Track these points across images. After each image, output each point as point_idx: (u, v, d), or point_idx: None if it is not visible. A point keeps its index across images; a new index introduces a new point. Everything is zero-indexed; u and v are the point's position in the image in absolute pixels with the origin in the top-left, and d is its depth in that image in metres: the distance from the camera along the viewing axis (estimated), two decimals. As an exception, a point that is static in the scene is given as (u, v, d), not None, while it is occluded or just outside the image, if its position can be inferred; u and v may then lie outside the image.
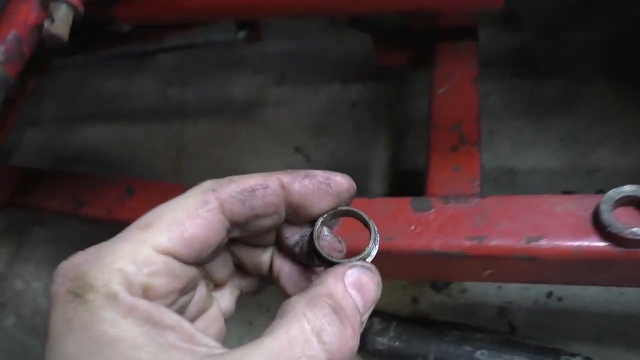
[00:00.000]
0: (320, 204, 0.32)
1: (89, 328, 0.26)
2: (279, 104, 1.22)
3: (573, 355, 0.72)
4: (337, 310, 0.27)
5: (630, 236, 0.46)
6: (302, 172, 0.32)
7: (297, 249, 0.35)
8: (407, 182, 1.01)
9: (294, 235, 0.34)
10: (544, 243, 0.51)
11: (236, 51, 1.34)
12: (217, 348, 0.27)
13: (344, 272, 0.30)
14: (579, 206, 0.52)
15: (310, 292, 0.28)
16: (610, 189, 0.49)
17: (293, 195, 0.32)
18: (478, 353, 0.75)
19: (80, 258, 0.29)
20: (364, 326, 0.30)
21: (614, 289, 0.80)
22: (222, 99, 1.29)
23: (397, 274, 0.66)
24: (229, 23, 0.96)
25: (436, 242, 0.55)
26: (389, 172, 1.03)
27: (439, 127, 0.66)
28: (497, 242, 0.53)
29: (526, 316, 0.81)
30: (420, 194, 0.60)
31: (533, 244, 0.51)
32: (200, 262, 0.31)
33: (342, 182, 0.33)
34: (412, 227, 0.56)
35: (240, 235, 0.33)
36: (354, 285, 0.30)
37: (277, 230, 0.34)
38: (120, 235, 0.29)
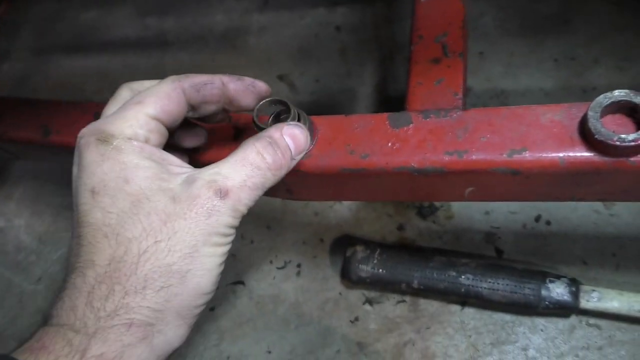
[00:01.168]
0: (246, 99, 0.48)
1: (118, 158, 0.40)
2: (262, 31, 1.16)
3: (558, 277, 0.70)
4: (272, 143, 0.44)
5: (617, 143, 0.43)
6: (236, 76, 0.48)
7: None
8: (395, 109, 0.96)
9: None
10: (527, 155, 0.48)
11: (217, -24, 1.27)
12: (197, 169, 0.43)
13: (282, 126, 0.47)
14: (566, 115, 0.48)
15: (258, 135, 0.45)
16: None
17: (229, 90, 0.47)
18: (462, 278, 0.73)
19: (97, 123, 0.42)
20: (296, 162, 0.48)
21: (603, 211, 0.77)
22: (203, 27, 1.23)
23: (377, 196, 0.63)
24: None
25: (414, 158, 0.51)
26: (375, 98, 0.99)
27: (421, 39, 0.61)
28: (478, 156, 0.49)
29: (513, 241, 0.79)
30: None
31: (516, 157, 0.48)
32: (173, 128, 0.45)
33: (262, 86, 0.49)
34: (390, 144, 0.53)
35: (194, 116, 0.48)
36: (289, 135, 0.46)
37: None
38: (121, 109, 0.43)
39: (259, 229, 0.93)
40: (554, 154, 0.47)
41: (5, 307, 0.99)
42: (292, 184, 0.58)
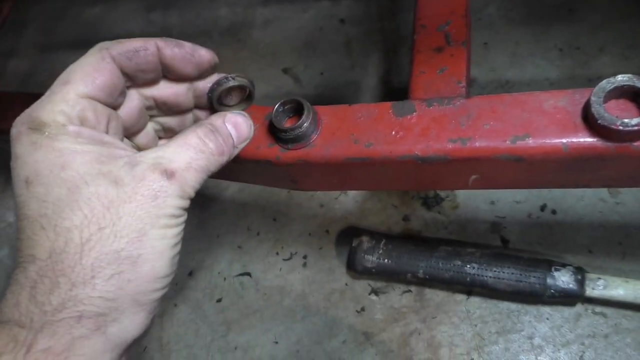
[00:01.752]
0: (185, 69, 0.43)
1: (52, 146, 0.37)
2: (266, 24, 1.16)
3: (564, 265, 0.70)
4: (214, 130, 0.43)
5: (621, 127, 0.43)
6: (174, 41, 0.42)
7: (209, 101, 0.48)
8: (399, 100, 0.96)
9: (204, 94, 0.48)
10: (530, 142, 0.48)
11: (221, -31, 1.27)
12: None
13: (225, 114, 0.46)
14: (569, 101, 0.48)
15: (199, 122, 0.44)
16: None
17: (165, 58, 0.42)
18: (468, 267, 0.73)
19: (29, 110, 0.39)
20: (238, 151, 0.47)
21: (609, 199, 0.77)
22: (208, 21, 1.23)
23: (381, 185, 0.64)
24: None
25: (418, 147, 0.52)
26: (380, 90, 0.99)
27: (424, 28, 0.61)
28: (482, 143, 0.49)
29: (519, 230, 0.79)
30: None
31: (519, 143, 0.48)
32: (113, 102, 0.42)
33: (205, 54, 0.44)
34: (393, 133, 0.53)
35: (133, 86, 0.44)
36: (231, 123, 0.46)
37: (195, 92, 0.47)
38: (48, 92, 0.39)
39: (265, 221, 0.93)
40: (557, 140, 0.47)
41: (15, 301, 1.00)
42: (297, 174, 0.59)
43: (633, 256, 0.73)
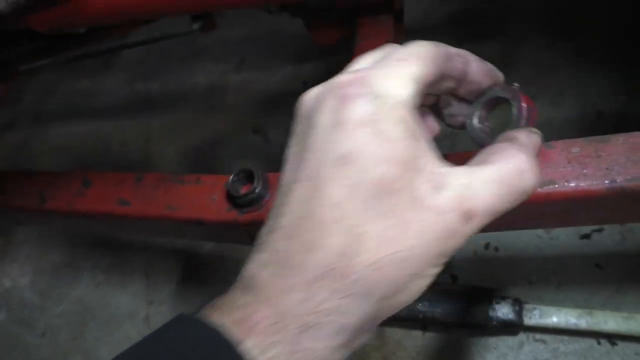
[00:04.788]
0: (485, 81, 0.40)
1: (379, 124, 0.31)
2: (238, 89, 1.27)
3: (504, 298, 0.78)
4: (530, 159, 0.34)
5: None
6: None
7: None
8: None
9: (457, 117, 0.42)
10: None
11: (197, 41, 1.39)
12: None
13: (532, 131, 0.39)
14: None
15: (520, 140, 0.36)
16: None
17: (471, 67, 0.39)
18: (419, 305, 0.81)
19: (364, 72, 0.33)
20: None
21: (544, 235, 0.85)
22: (186, 89, 1.34)
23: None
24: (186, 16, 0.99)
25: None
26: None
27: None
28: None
29: (466, 266, 0.87)
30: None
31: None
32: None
33: (501, 76, 0.41)
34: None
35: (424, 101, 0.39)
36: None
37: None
38: (381, 64, 0.34)
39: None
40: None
41: (13, 361, 1.08)
42: (255, 233, 0.67)
43: (567, 285, 0.81)
